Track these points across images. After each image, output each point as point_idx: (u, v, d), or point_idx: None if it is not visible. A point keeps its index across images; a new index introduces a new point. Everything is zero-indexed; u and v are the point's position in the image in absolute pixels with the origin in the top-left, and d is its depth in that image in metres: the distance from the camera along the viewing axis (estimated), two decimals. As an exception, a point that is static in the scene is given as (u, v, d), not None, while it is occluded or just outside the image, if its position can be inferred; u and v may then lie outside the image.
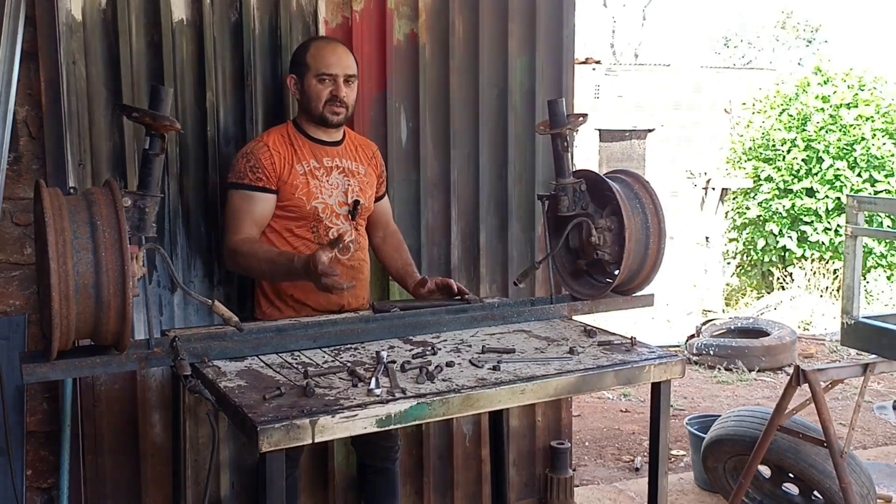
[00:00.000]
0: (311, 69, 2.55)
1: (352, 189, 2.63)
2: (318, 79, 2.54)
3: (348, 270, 2.61)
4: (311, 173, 2.56)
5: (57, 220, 1.76)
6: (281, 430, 1.68)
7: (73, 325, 1.79)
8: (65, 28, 2.59)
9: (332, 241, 2.32)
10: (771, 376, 6.40)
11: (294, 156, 2.55)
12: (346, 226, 2.62)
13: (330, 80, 2.55)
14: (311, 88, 2.56)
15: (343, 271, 2.56)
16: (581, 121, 2.51)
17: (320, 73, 2.54)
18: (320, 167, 2.58)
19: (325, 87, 2.55)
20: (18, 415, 2.65)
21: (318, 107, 2.56)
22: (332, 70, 2.54)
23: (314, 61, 2.55)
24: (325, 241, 2.54)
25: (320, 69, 2.54)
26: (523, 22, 3.25)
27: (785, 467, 3.23)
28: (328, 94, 2.55)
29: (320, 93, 2.55)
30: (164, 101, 1.96)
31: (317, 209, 2.55)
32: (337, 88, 2.55)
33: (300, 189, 2.53)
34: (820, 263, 9.82)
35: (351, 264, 2.63)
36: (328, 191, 2.58)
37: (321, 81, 2.55)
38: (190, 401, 2.71)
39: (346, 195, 2.61)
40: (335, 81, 2.55)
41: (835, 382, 2.98)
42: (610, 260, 2.54)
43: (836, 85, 10.33)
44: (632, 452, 4.69)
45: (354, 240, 2.65)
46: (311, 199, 2.54)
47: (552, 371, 2.04)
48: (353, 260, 2.65)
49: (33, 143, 2.65)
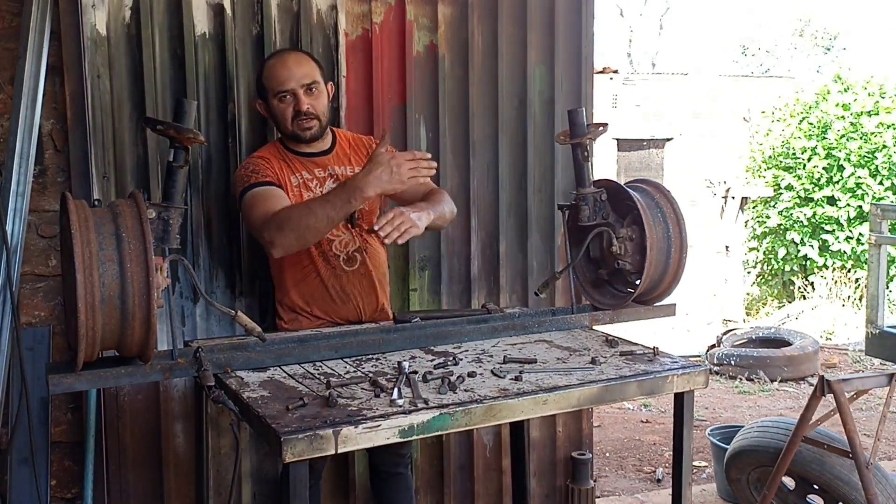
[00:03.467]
0: (269, 90, 2.51)
1: None
2: (277, 98, 2.50)
3: (354, 276, 2.57)
4: (304, 185, 2.53)
5: (83, 232, 1.78)
6: (304, 441, 1.68)
7: (98, 336, 1.81)
8: (89, 42, 2.62)
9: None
10: (793, 387, 6.34)
11: (287, 168, 2.53)
12: (347, 235, 2.58)
13: (289, 95, 2.50)
14: (275, 109, 2.52)
15: (347, 278, 2.55)
16: (601, 130, 2.51)
17: (277, 93, 2.49)
18: (313, 178, 2.55)
19: (286, 105, 2.50)
20: (43, 425, 2.67)
21: (288, 126, 2.52)
22: (287, 86, 2.48)
23: (269, 81, 2.51)
24: (329, 253, 2.52)
25: (275, 88, 2.49)
26: (542, 31, 3.26)
27: (810, 479, 3.19)
28: (292, 112, 2.50)
29: (284, 111, 2.51)
30: (188, 113, 1.97)
31: None
32: (298, 103, 2.49)
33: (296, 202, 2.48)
34: (842, 272, 9.73)
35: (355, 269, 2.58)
36: None
37: (281, 100, 2.50)
38: (212, 411, 2.72)
39: None
40: (295, 95, 2.49)
41: (860, 393, 2.95)
42: (631, 270, 2.53)
43: (857, 93, 10.25)
44: (653, 463, 4.65)
45: (359, 248, 2.59)
46: None
47: (575, 381, 2.03)
48: (359, 266, 2.59)
49: (58, 156, 2.69)
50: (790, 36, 24.42)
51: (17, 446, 2.59)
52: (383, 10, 3.01)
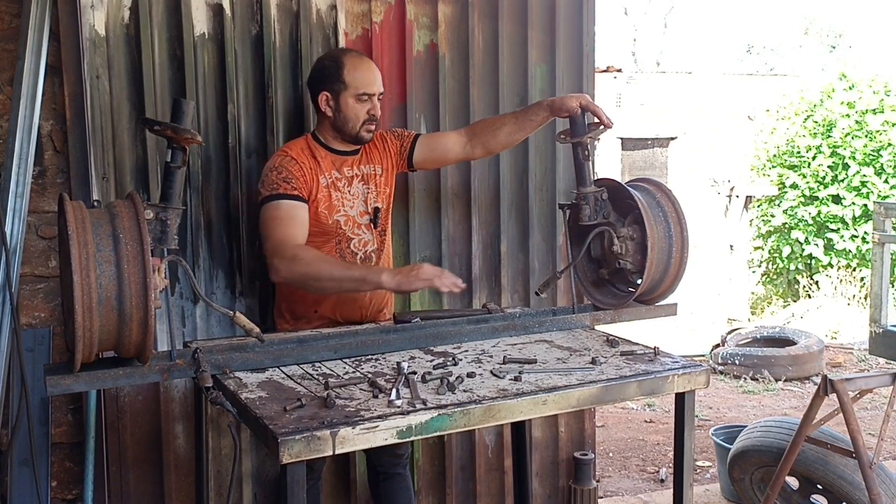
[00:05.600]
0: (349, 87, 2.50)
1: (370, 195, 2.62)
2: (356, 98, 2.50)
3: None
4: (332, 185, 2.55)
5: (80, 233, 1.77)
6: (301, 442, 1.67)
7: (96, 337, 1.80)
8: (88, 43, 2.62)
9: None
10: (798, 386, 6.32)
11: (318, 167, 2.53)
12: (368, 234, 2.61)
13: (369, 99, 2.52)
14: (348, 108, 2.51)
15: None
16: (601, 129, 2.50)
17: (360, 93, 2.50)
18: (342, 178, 2.57)
19: (363, 107, 2.52)
20: (43, 426, 2.67)
21: (356, 126, 2.53)
22: (372, 89, 2.52)
23: (353, 80, 2.50)
24: (346, 251, 2.55)
25: (360, 89, 2.50)
26: (543, 30, 3.25)
27: (813, 479, 3.18)
28: (366, 115, 2.52)
29: (359, 112, 2.52)
30: (185, 113, 1.97)
31: (339, 222, 2.54)
32: (374, 108, 2.53)
33: (322, 203, 2.51)
34: (847, 271, 9.70)
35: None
36: (350, 202, 2.57)
37: (360, 101, 2.51)
38: (212, 412, 2.72)
39: (367, 203, 2.61)
40: (372, 100, 2.53)
41: (863, 392, 2.93)
42: (632, 269, 2.52)
43: (862, 91, 10.21)
44: (656, 463, 4.64)
45: (376, 248, 2.63)
46: (333, 213, 2.53)
47: (574, 381, 2.02)
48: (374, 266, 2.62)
49: (58, 156, 2.69)
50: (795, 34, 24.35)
51: (18, 447, 2.59)
52: (383, 9, 3.01)
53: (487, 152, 2.76)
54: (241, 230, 2.83)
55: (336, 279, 2.33)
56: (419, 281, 2.29)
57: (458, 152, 2.72)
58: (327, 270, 2.34)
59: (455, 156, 2.74)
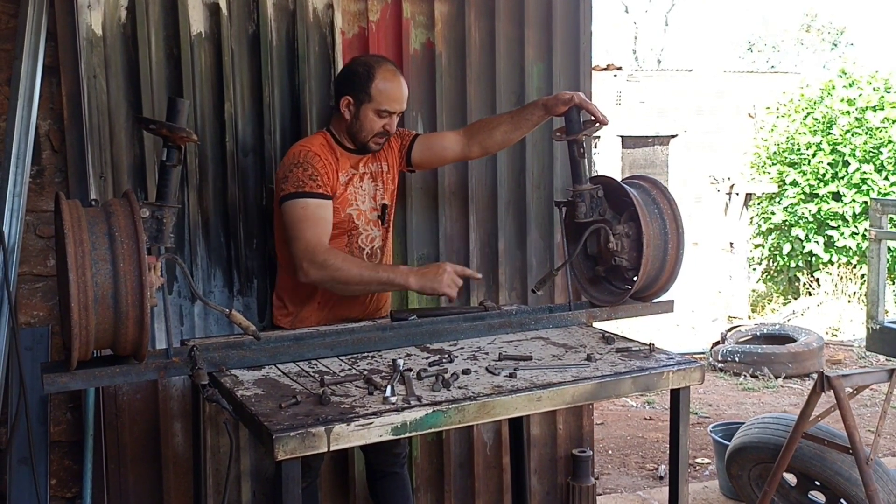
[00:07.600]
0: (372, 101, 2.49)
1: (379, 192, 2.64)
2: (377, 112, 2.50)
3: None
4: (350, 181, 2.57)
5: (76, 232, 1.78)
6: (296, 439, 1.68)
7: (92, 336, 1.81)
8: (85, 43, 2.63)
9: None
10: (798, 383, 6.32)
11: (336, 163, 2.54)
12: (375, 230, 2.62)
13: (388, 116, 2.52)
14: (366, 119, 2.51)
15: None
16: (596, 126, 2.51)
17: (382, 109, 2.50)
18: (356, 174, 2.60)
19: (381, 121, 2.52)
20: (42, 425, 2.68)
21: (367, 137, 2.54)
22: (394, 108, 2.52)
23: (380, 96, 2.49)
24: (353, 245, 2.57)
25: (383, 105, 2.49)
26: (540, 28, 3.25)
27: (811, 475, 3.18)
28: (381, 128, 2.53)
29: (374, 125, 2.52)
30: (180, 112, 1.98)
31: (351, 216, 2.56)
32: (390, 123, 2.54)
33: (338, 198, 2.53)
34: (847, 268, 9.69)
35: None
36: (362, 197, 2.59)
37: (380, 116, 2.51)
38: (210, 410, 2.73)
39: (375, 199, 2.63)
40: (392, 117, 2.53)
41: (860, 388, 2.93)
42: (628, 266, 2.52)
43: (862, 87, 10.21)
44: (656, 460, 4.64)
45: (381, 245, 2.65)
46: (346, 207, 2.55)
47: (569, 378, 2.03)
48: (378, 261, 2.64)
49: (56, 156, 2.70)
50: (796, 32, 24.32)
51: (17, 446, 2.60)
52: (379, 7, 3.01)
53: (484, 152, 2.77)
54: (239, 229, 2.84)
55: (364, 282, 2.41)
56: (444, 287, 2.38)
57: (456, 152, 2.74)
58: (356, 275, 2.39)
59: (453, 155, 2.75)
